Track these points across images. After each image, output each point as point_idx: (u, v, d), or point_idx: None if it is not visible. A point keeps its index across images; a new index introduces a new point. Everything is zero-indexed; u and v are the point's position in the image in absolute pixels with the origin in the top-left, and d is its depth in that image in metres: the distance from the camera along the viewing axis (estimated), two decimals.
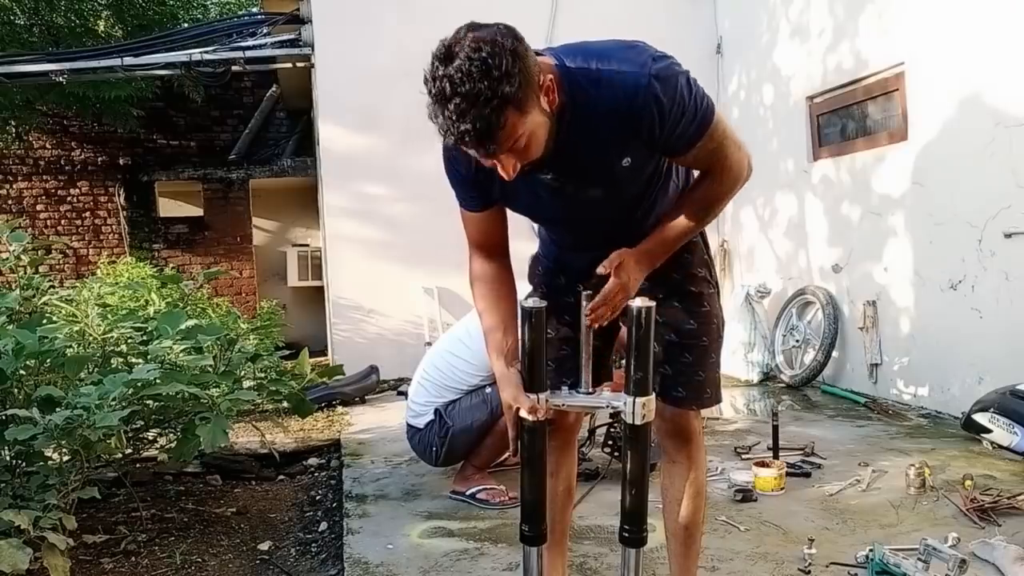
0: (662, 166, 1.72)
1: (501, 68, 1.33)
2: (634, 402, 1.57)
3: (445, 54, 1.36)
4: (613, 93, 1.50)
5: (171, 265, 8.70)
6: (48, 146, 8.84)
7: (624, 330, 3.10)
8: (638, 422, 1.58)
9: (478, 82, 1.32)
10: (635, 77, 1.49)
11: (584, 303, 1.68)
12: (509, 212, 1.83)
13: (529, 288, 3.31)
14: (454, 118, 1.35)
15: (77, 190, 8.90)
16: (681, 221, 1.70)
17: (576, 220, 1.77)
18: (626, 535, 1.66)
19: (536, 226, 1.97)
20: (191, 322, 2.91)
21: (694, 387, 1.87)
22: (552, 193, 1.67)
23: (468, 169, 1.67)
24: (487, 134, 1.36)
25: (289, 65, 6.95)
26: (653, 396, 1.60)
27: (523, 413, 1.62)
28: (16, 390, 2.53)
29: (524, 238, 1.93)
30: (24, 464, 2.49)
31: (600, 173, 1.63)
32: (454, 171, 1.73)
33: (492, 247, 1.84)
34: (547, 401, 1.64)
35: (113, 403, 2.27)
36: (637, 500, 1.63)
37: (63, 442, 2.32)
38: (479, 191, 1.73)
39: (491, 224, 1.80)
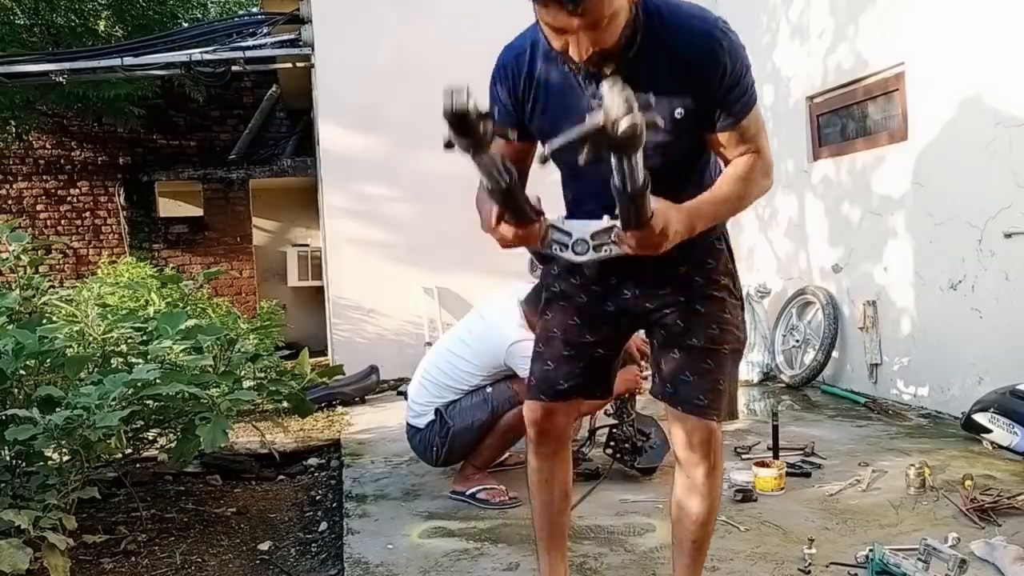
0: (705, 152, 1.73)
1: None
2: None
3: None
4: (684, 35, 1.56)
5: (171, 265, 8.69)
6: (48, 146, 8.84)
7: (634, 337, 3.06)
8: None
9: None
10: (709, 28, 1.56)
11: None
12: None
13: (523, 285, 3.31)
14: None
15: (77, 190, 8.89)
16: (720, 191, 1.66)
17: (601, 168, 1.67)
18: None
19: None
20: (191, 322, 2.91)
21: (716, 395, 1.82)
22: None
23: (510, 95, 1.71)
24: None
25: (289, 65, 6.95)
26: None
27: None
28: (16, 390, 2.53)
29: None
30: (24, 464, 2.49)
31: None
32: (494, 92, 1.76)
33: None
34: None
35: (113, 403, 2.28)
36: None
37: (63, 442, 2.32)
38: (506, 116, 1.74)
39: (509, 155, 1.64)
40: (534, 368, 1.98)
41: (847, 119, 5.33)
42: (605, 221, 1.55)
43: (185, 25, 8.69)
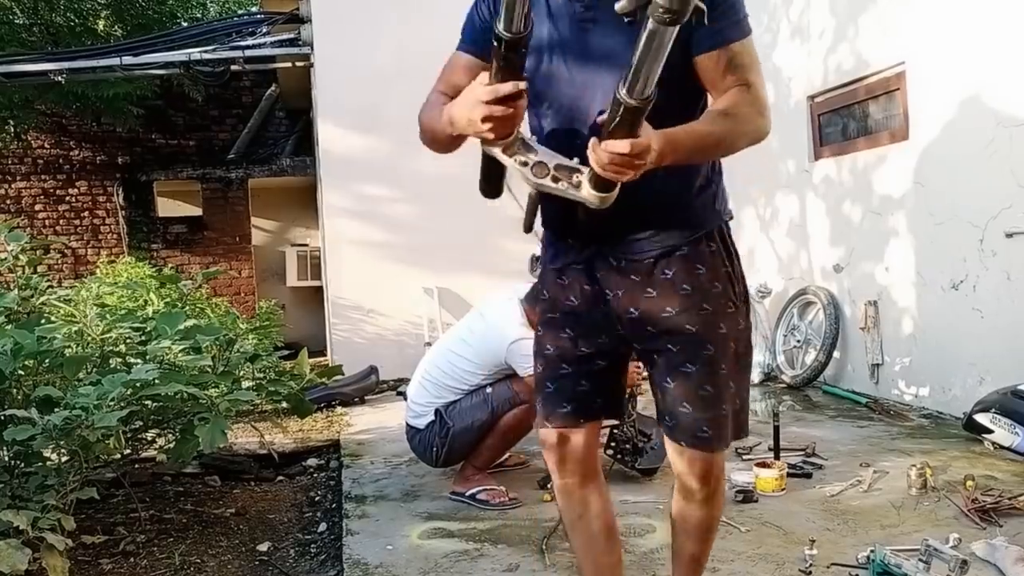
0: (700, 101, 1.64)
1: None
2: None
3: None
4: None
5: (170, 265, 8.68)
6: (47, 146, 8.83)
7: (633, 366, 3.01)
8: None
9: None
10: None
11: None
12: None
13: (523, 284, 3.29)
14: None
15: (76, 190, 8.88)
16: (701, 123, 1.52)
17: (583, 89, 1.58)
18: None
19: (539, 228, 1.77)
20: (190, 322, 2.91)
21: (719, 423, 1.68)
22: (574, 37, 1.58)
23: (491, 14, 1.61)
24: None
25: (288, 65, 6.94)
26: None
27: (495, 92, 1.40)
28: (14, 390, 2.52)
29: (525, 239, 1.90)
30: (23, 465, 2.48)
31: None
32: (477, 11, 1.70)
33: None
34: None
35: (112, 403, 2.27)
36: None
37: (62, 442, 2.31)
38: (485, 36, 1.55)
39: (471, 77, 1.53)
40: (538, 392, 1.81)
41: (848, 119, 5.32)
42: (575, 163, 1.47)
43: (184, 24, 8.68)
